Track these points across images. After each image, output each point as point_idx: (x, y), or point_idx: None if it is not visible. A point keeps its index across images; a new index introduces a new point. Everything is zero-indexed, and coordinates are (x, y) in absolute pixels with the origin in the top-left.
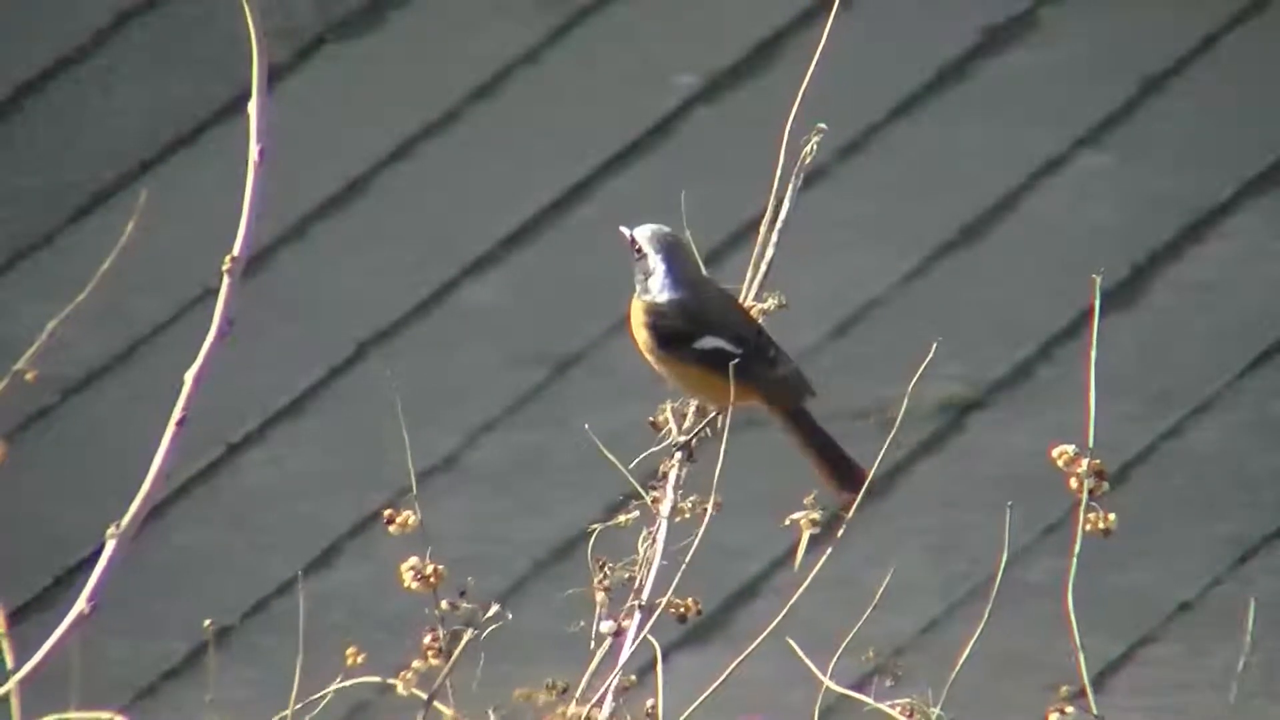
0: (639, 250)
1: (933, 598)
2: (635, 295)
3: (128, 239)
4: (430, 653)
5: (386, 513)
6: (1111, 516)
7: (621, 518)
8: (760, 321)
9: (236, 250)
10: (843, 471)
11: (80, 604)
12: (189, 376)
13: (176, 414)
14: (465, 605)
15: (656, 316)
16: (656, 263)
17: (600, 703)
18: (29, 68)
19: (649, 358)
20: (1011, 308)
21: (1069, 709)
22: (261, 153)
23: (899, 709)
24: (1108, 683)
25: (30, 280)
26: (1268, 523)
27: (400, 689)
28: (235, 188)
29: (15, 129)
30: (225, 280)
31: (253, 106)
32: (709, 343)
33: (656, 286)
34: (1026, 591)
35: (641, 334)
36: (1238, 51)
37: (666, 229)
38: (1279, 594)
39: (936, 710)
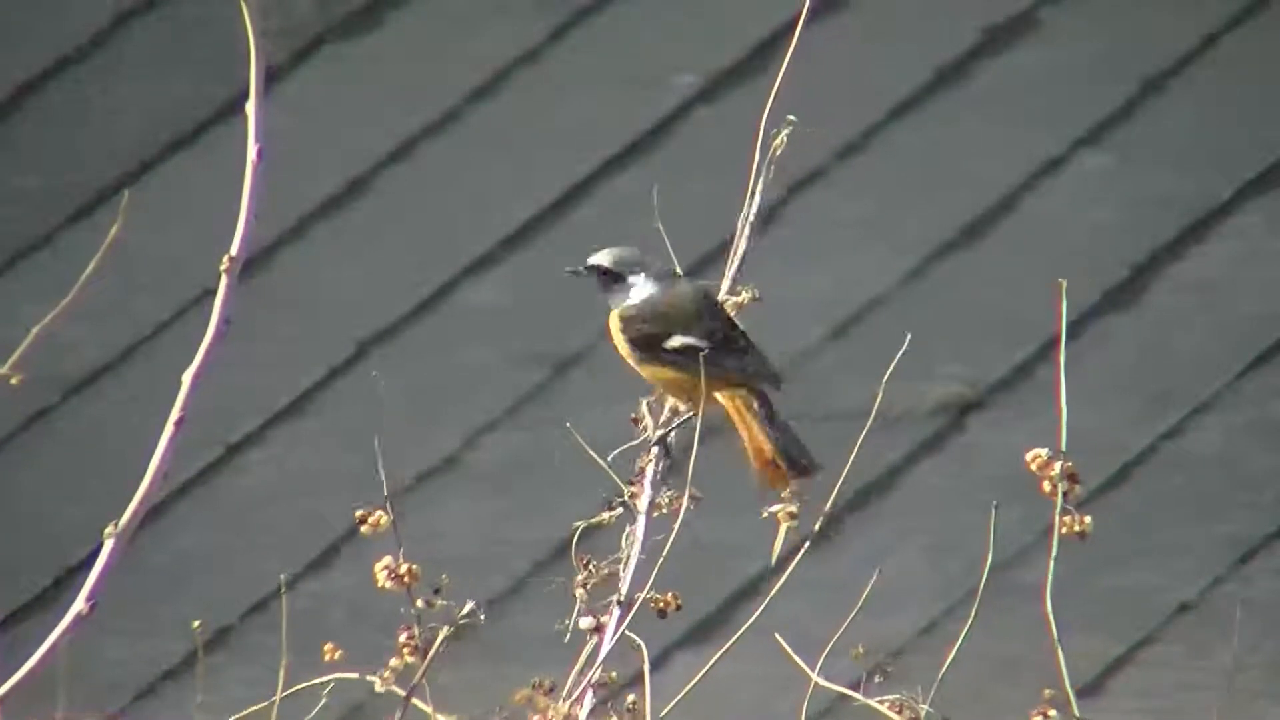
0: (613, 275)
1: (932, 598)
2: (610, 309)
3: (110, 245)
4: (406, 650)
5: (358, 514)
6: (1088, 519)
7: (604, 515)
8: (734, 316)
9: (234, 250)
10: (794, 461)
11: (79, 603)
12: (187, 376)
13: (175, 414)
14: (441, 603)
15: (627, 323)
16: (636, 279)
17: (580, 699)
18: (29, 68)
19: (631, 363)
20: (1011, 308)
21: (1052, 712)
22: (259, 152)
23: (889, 706)
24: (1108, 683)
25: (30, 280)
26: (1268, 523)
27: (378, 687)
28: (235, 188)
29: (15, 129)
30: (223, 280)
31: (250, 107)
32: (678, 340)
33: (628, 296)
34: (1025, 593)
35: (620, 344)
36: (1238, 51)
37: (624, 249)
38: (1279, 594)
39: (925, 707)
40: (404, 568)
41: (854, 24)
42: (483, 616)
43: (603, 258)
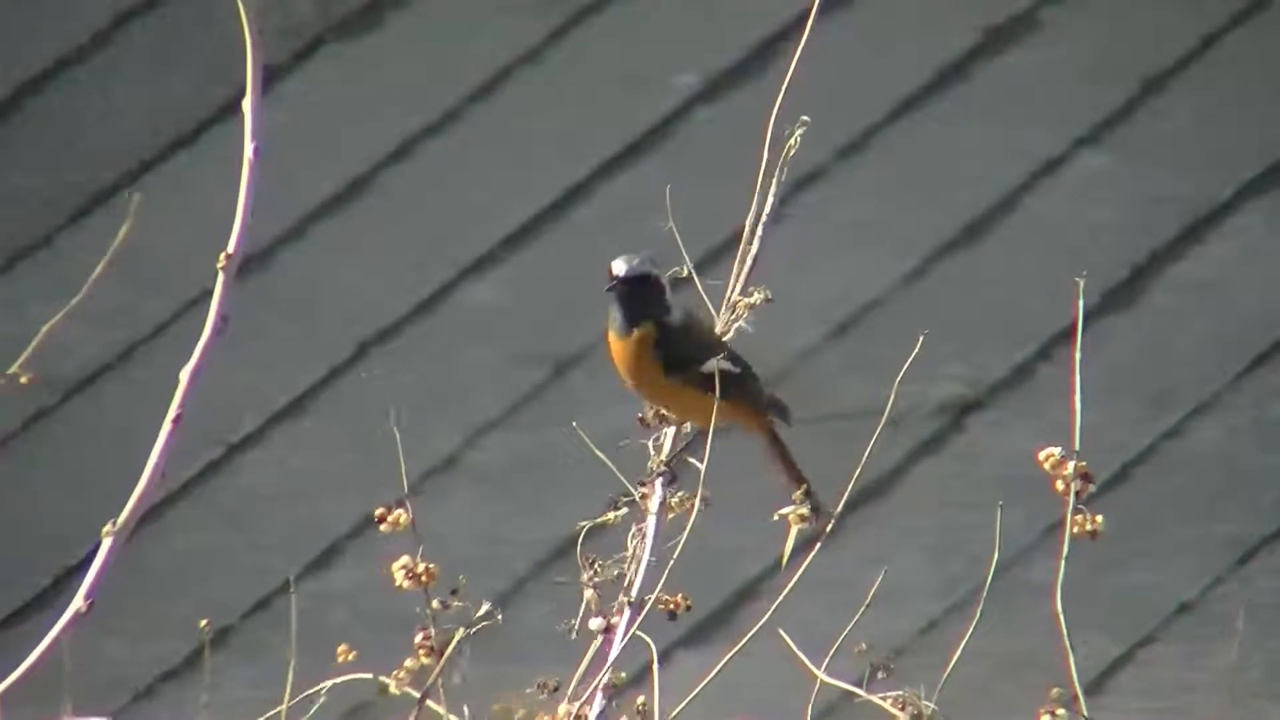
0: (657, 286)
1: (932, 598)
2: (627, 324)
3: (121, 243)
4: (422, 651)
5: (378, 512)
6: (1099, 518)
7: (609, 514)
8: (745, 320)
9: (231, 248)
10: (817, 506)
11: (77, 601)
12: (184, 373)
13: (172, 411)
14: (458, 604)
15: (669, 341)
16: (668, 289)
17: (590, 701)
18: (29, 68)
19: (641, 385)
20: (1011, 308)
21: (1060, 711)
22: (256, 150)
23: (891, 702)
24: (1108, 683)
25: (30, 280)
26: (1268, 523)
27: (393, 688)
28: (235, 187)
29: (15, 129)
30: (220, 277)
31: (247, 104)
32: (713, 365)
33: (667, 309)
34: (1028, 592)
35: (648, 361)
36: (1238, 51)
37: (648, 253)
38: (1279, 594)
39: (930, 705)
40: (421, 567)
41: (854, 24)
42: (500, 617)
43: (646, 264)
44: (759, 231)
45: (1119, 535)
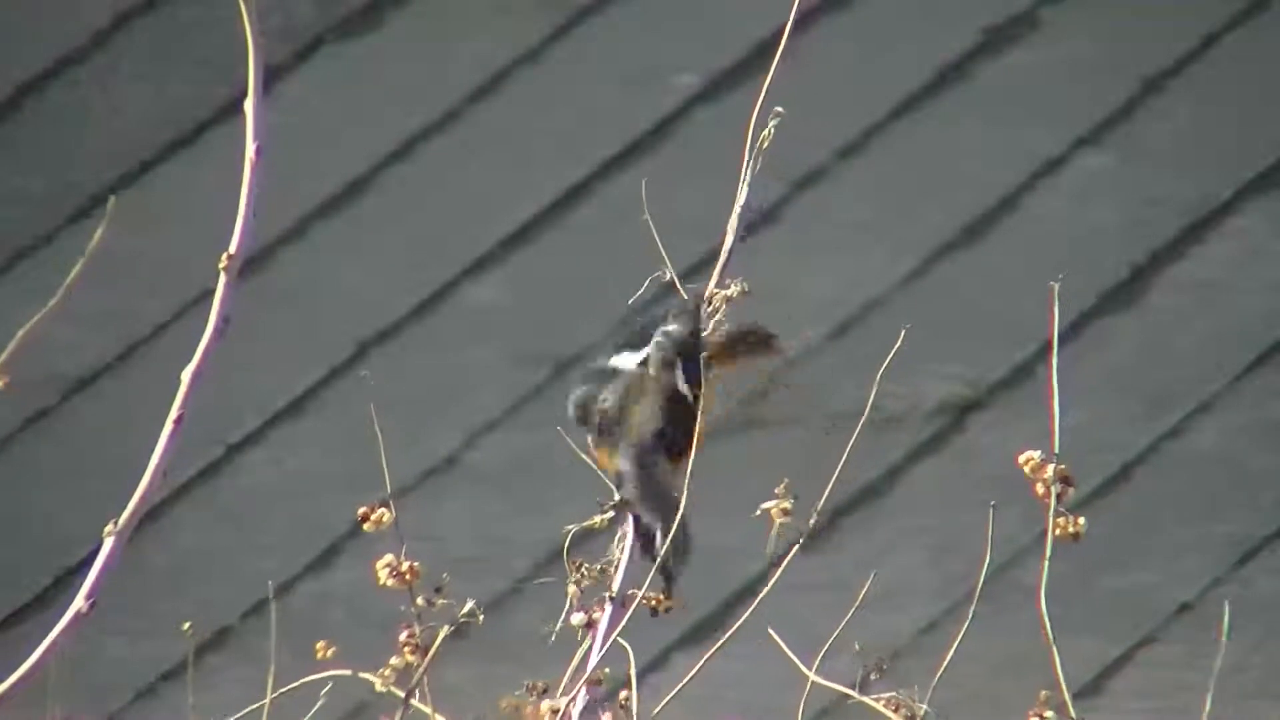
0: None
1: (932, 598)
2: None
3: (103, 247)
4: (407, 649)
5: (360, 511)
6: (1081, 521)
7: (596, 518)
8: (725, 311)
9: (233, 249)
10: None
11: (78, 602)
12: (186, 374)
13: (174, 412)
14: (443, 601)
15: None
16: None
17: (575, 698)
18: (29, 68)
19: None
20: (1011, 308)
21: (1049, 713)
22: (258, 150)
23: (884, 703)
24: (1107, 684)
25: (30, 280)
26: (1268, 523)
27: (379, 686)
28: (235, 188)
29: (15, 129)
30: (221, 278)
31: (249, 105)
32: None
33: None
34: (1025, 593)
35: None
36: (1238, 51)
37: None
38: (1279, 594)
39: (924, 706)
40: (405, 565)
41: (854, 24)
42: (481, 616)
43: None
44: (733, 225)
45: (1119, 535)
